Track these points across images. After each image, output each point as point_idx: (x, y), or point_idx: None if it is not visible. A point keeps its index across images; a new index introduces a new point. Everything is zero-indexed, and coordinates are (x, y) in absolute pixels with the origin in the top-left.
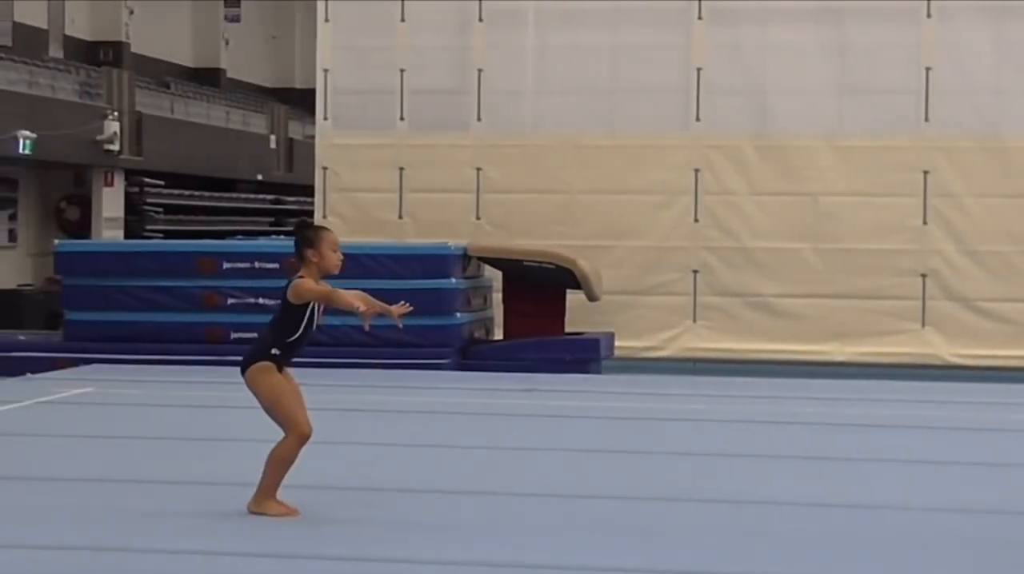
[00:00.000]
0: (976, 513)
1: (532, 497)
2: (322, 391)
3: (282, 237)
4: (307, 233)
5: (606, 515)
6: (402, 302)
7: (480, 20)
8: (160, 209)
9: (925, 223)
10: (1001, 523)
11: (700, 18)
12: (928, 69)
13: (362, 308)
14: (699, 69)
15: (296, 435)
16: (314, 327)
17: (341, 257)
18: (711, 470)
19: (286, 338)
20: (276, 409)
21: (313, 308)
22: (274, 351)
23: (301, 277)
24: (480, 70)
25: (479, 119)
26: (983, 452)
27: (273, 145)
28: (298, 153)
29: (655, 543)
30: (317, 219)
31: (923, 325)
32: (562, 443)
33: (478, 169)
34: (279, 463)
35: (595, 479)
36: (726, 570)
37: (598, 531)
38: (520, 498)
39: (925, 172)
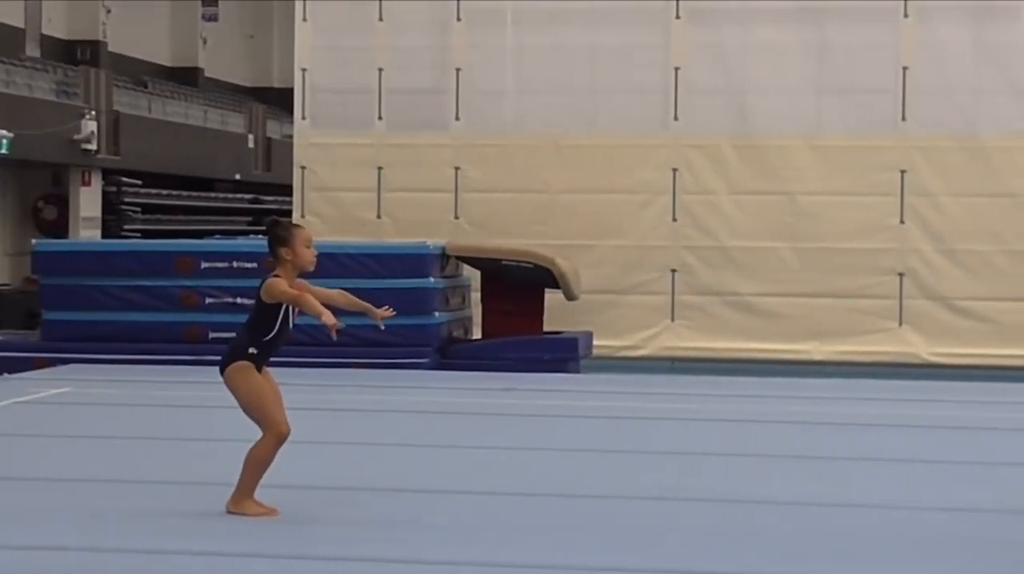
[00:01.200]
0: (965, 512)
1: (520, 496)
2: (302, 390)
3: (260, 237)
4: (279, 231)
5: (595, 515)
6: (386, 306)
7: (459, 20)
8: (138, 208)
9: (903, 222)
10: (991, 522)
11: (678, 18)
12: (905, 69)
13: (327, 321)
14: (677, 69)
15: (274, 435)
16: (291, 326)
17: (315, 253)
18: (699, 469)
19: (262, 337)
20: (253, 409)
21: (288, 307)
22: (251, 350)
23: (276, 276)
24: (459, 69)
25: (458, 118)
26: (969, 451)
27: (251, 144)
28: (276, 152)
29: (647, 542)
30: (295, 218)
31: (901, 324)
32: (546, 442)
33: (457, 168)
34: (257, 463)
35: (583, 478)
36: (719, 569)
37: (588, 530)
38: (508, 497)
39: (903, 171)
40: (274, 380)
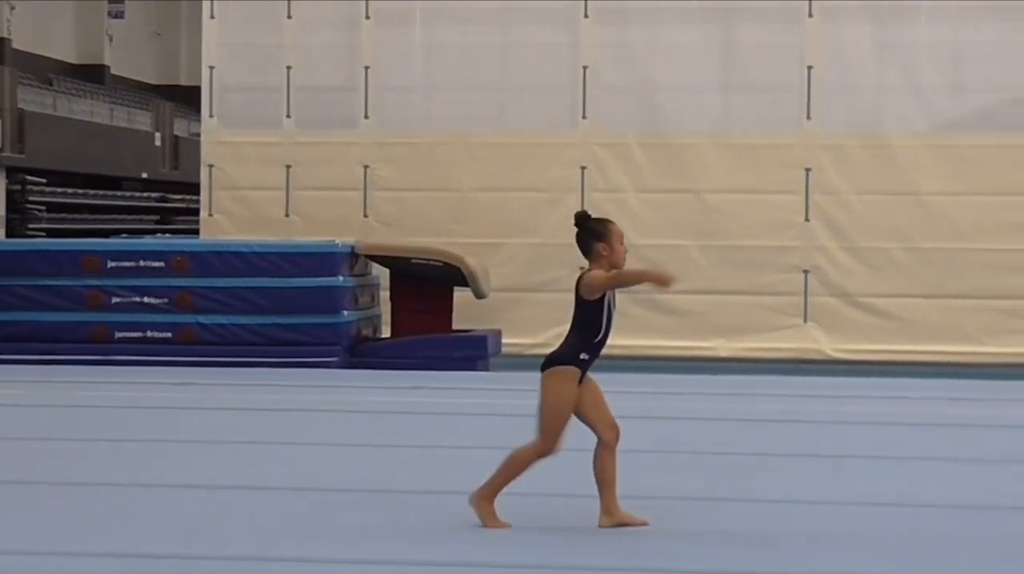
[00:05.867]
0: (867, 506)
1: (429, 494)
2: (209, 390)
3: (168, 235)
4: (594, 226)
5: (500, 511)
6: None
7: (367, 18)
8: (43, 207)
9: (807, 220)
10: (892, 515)
11: (586, 17)
12: (810, 68)
13: (659, 279)
14: (586, 67)
15: (542, 449)
16: (613, 321)
17: (626, 250)
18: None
19: (593, 339)
20: (548, 418)
21: (610, 301)
22: (583, 356)
23: (588, 271)
24: (367, 68)
25: (367, 117)
26: (871, 445)
27: (158, 142)
28: (184, 151)
29: (563, 539)
30: (202, 217)
31: (806, 320)
32: (454, 441)
33: (366, 167)
34: (514, 465)
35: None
36: (614, 564)
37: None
38: (417, 495)
39: (807, 170)
40: (597, 386)
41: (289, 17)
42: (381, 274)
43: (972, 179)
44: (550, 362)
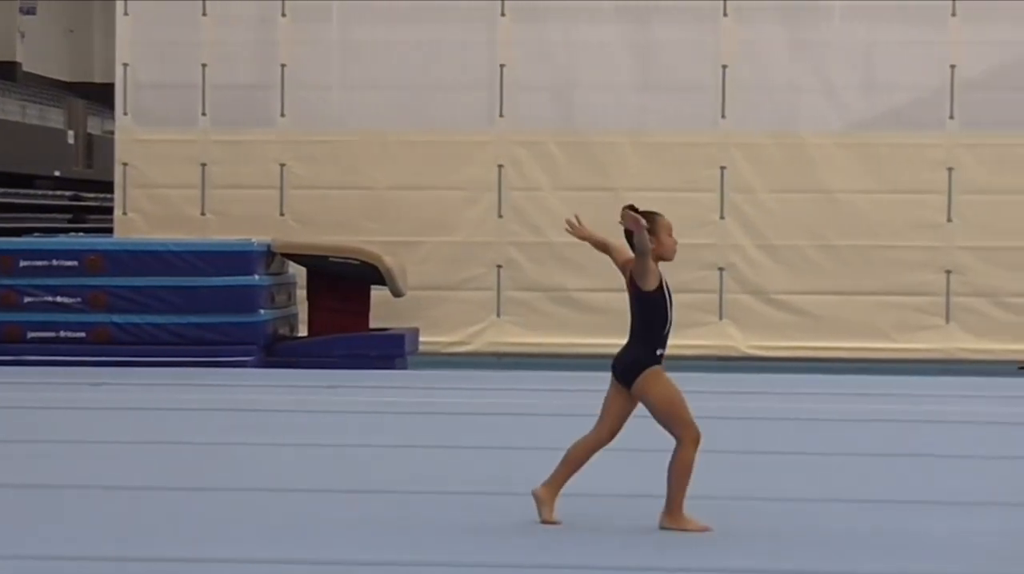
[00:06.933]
0: (781, 501)
1: (340, 493)
2: (126, 390)
3: (81, 234)
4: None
5: (413, 509)
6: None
7: (283, 15)
8: None
9: (722, 218)
10: (804, 511)
11: (504, 15)
12: (724, 67)
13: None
14: (503, 66)
15: (692, 439)
16: (673, 309)
17: (676, 241)
18: (524, 463)
19: (661, 331)
20: (672, 415)
21: (667, 288)
22: (659, 351)
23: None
24: (284, 65)
25: (283, 115)
26: (788, 442)
27: (72, 140)
28: (98, 148)
29: (457, 535)
30: (116, 215)
31: (721, 318)
32: (368, 439)
33: (282, 165)
34: (685, 473)
35: (404, 474)
36: (526, 560)
37: (403, 525)
38: (332, 494)
39: (722, 168)
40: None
41: (204, 14)
42: (298, 272)
43: (884, 177)
44: (633, 369)
